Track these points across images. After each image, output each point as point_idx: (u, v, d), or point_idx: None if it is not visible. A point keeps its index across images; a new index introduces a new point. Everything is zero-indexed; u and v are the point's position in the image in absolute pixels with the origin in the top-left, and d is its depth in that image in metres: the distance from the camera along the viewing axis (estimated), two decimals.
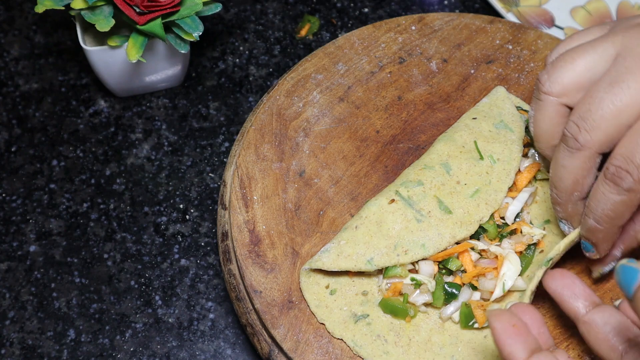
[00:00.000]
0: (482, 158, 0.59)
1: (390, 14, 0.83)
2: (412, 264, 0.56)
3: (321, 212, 0.60)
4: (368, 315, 0.55)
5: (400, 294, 0.55)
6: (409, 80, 0.66)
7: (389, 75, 0.67)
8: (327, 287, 0.56)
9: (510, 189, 0.59)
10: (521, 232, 0.58)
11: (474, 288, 0.55)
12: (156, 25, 0.66)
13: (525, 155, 0.61)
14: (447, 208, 0.57)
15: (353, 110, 0.64)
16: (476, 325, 0.55)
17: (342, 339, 0.55)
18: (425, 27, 0.69)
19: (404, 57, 0.67)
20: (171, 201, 0.72)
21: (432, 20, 0.69)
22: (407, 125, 0.64)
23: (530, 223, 0.59)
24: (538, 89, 0.53)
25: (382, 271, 0.56)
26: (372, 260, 0.55)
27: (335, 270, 0.55)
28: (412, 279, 0.55)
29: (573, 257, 0.57)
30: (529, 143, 0.61)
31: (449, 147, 0.60)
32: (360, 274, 0.57)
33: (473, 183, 0.58)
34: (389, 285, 0.56)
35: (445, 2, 0.85)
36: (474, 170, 0.59)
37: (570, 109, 0.52)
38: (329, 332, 0.55)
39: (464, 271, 0.56)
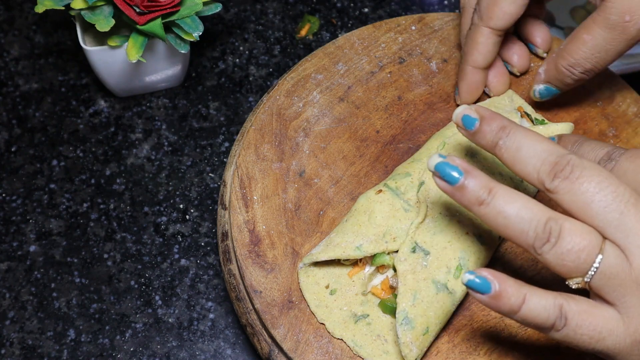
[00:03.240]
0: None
1: (390, 14, 0.83)
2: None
3: (321, 212, 0.60)
4: (368, 315, 0.55)
5: (392, 287, 0.55)
6: (409, 80, 0.66)
7: (389, 75, 0.67)
8: (327, 287, 0.56)
9: None
10: None
11: None
12: (156, 25, 0.66)
13: None
14: None
15: (353, 110, 0.64)
16: None
17: (342, 339, 0.55)
18: (425, 27, 0.69)
19: (404, 57, 0.67)
20: (171, 201, 0.72)
21: (432, 20, 0.69)
22: (407, 125, 0.64)
23: None
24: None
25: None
26: (361, 247, 0.55)
27: (324, 259, 0.55)
28: (395, 267, 0.55)
29: None
30: None
31: (439, 142, 0.60)
32: (359, 272, 0.57)
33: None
34: (377, 285, 0.56)
35: (445, 2, 0.85)
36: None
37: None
38: (329, 332, 0.55)
39: None
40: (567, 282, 0.44)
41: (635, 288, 0.43)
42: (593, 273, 0.43)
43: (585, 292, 0.45)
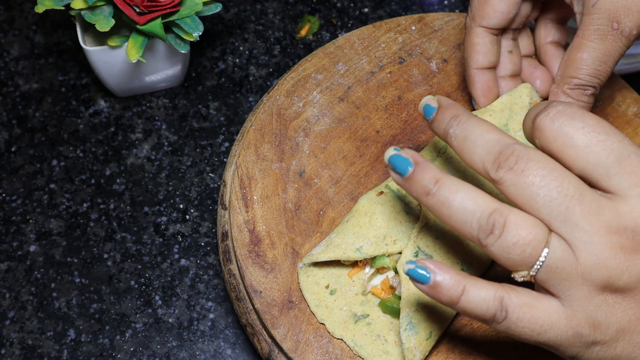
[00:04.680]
0: None
1: (390, 14, 0.83)
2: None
3: (321, 212, 0.60)
4: (368, 315, 0.55)
5: (392, 287, 0.55)
6: (409, 80, 0.66)
7: (389, 75, 0.67)
8: (327, 287, 0.56)
9: None
10: None
11: None
12: (156, 25, 0.66)
13: None
14: None
15: (353, 110, 0.64)
16: None
17: (342, 339, 0.55)
18: (425, 27, 0.69)
19: (404, 57, 0.67)
20: (171, 201, 0.72)
21: (432, 20, 0.69)
22: (407, 125, 0.64)
23: None
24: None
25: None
26: (361, 249, 0.55)
27: (325, 259, 0.55)
28: (395, 269, 0.55)
29: None
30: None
31: (440, 144, 0.60)
32: (359, 272, 0.57)
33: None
34: (377, 285, 0.56)
35: (445, 2, 0.85)
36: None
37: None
38: (329, 332, 0.55)
39: None
40: (512, 275, 0.44)
41: (580, 282, 0.43)
42: (539, 267, 0.43)
43: (531, 283, 0.45)
